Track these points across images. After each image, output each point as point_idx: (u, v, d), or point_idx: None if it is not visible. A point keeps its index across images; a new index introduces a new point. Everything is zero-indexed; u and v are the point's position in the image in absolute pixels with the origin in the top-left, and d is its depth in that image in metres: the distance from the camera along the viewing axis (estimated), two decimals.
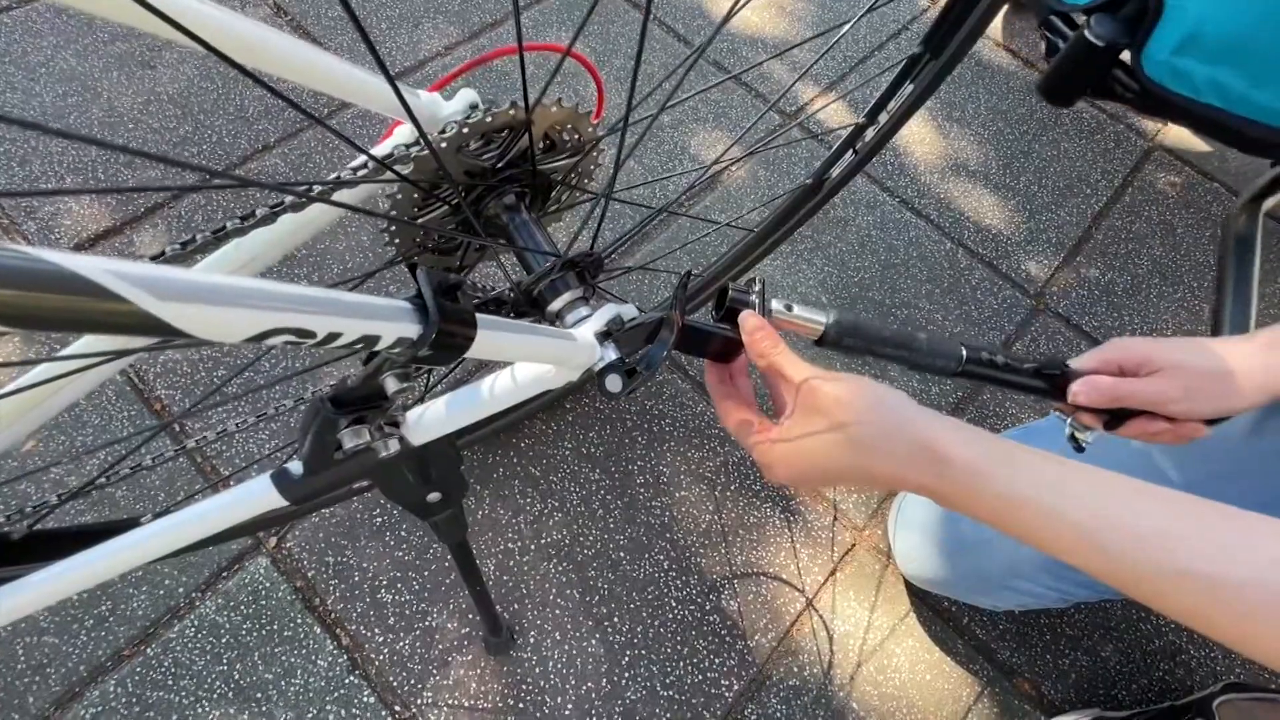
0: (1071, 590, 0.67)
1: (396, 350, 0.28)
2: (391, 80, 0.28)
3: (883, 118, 0.66)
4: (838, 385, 0.39)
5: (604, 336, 0.42)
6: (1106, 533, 0.34)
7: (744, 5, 0.43)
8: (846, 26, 0.53)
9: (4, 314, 0.18)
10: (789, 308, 0.44)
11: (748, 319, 0.43)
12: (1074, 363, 0.51)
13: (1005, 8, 1.40)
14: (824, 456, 0.38)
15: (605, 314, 0.42)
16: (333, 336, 0.25)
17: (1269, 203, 1.07)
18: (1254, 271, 1.02)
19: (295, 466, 0.41)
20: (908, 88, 0.62)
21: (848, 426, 0.38)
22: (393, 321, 0.27)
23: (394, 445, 0.39)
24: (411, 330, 0.28)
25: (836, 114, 1.23)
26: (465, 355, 0.31)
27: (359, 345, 0.27)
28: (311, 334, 0.24)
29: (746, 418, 0.43)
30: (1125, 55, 0.97)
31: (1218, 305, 1.01)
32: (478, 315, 0.31)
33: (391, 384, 0.35)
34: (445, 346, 0.29)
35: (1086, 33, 0.94)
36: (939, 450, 0.37)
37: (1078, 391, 0.48)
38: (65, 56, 1.07)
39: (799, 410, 0.39)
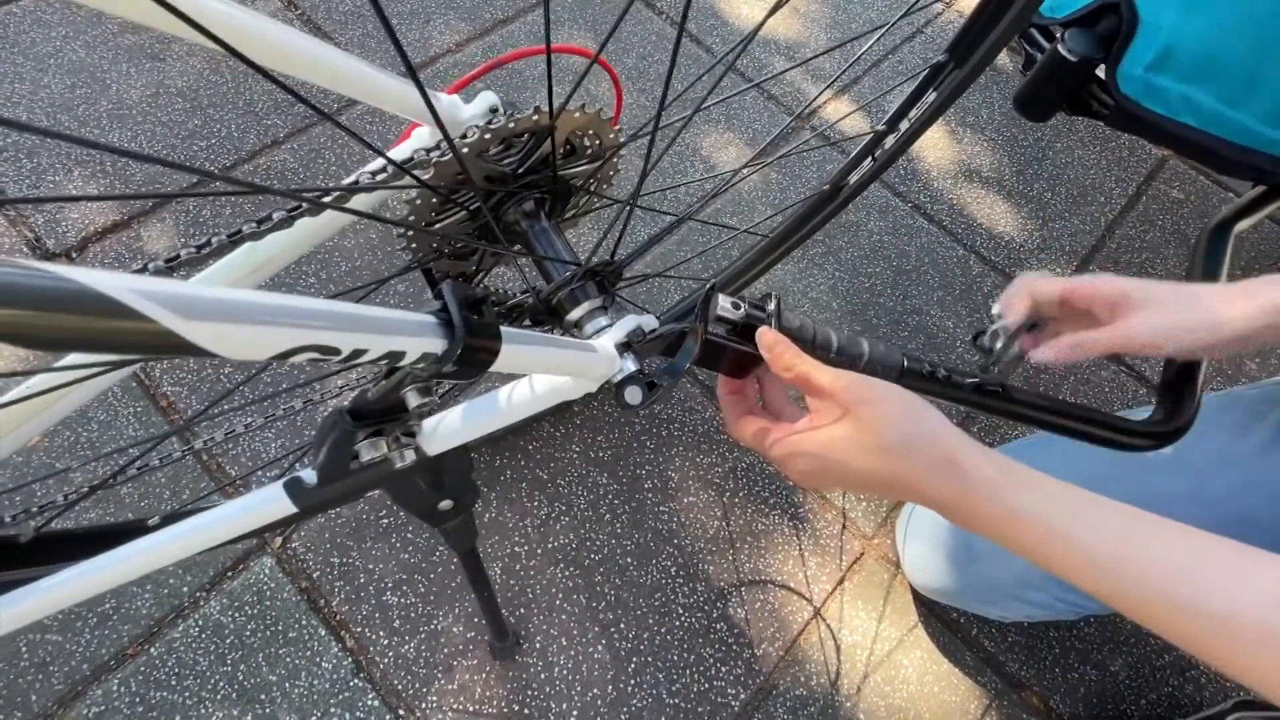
0: (1081, 602, 0.66)
1: (420, 365, 0.27)
2: (421, 87, 0.27)
3: (903, 125, 0.65)
4: (874, 389, 0.39)
5: (624, 348, 0.42)
6: (1115, 560, 0.35)
7: (772, 13, 0.42)
8: (877, 35, 0.52)
9: (25, 334, 0.17)
10: (736, 306, 0.43)
11: (765, 334, 0.42)
12: (1033, 285, 0.51)
13: None
14: (850, 455, 0.38)
15: (626, 325, 0.42)
16: (358, 353, 0.24)
17: (1241, 225, 1.05)
18: None
19: (308, 475, 0.40)
20: (930, 96, 0.61)
21: (880, 430, 0.38)
22: (418, 337, 0.26)
23: (410, 456, 0.38)
24: (437, 345, 0.27)
25: (854, 120, 1.22)
26: (489, 369, 0.30)
27: (383, 360, 0.26)
28: (336, 351, 0.24)
29: (763, 425, 0.43)
30: (1102, 72, 0.96)
31: None
32: (502, 328, 0.31)
33: (413, 398, 0.34)
34: (470, 362, 0.28)
35: (1060, 47, 0.93)
36: (961, 463, 0.37)
37: (1041, 354, 0.49)
38: (74, 48, 1.06)
39: (835, 413, 0.39)
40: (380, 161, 0.41)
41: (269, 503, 0.41)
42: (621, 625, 0.79)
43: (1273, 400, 0.59)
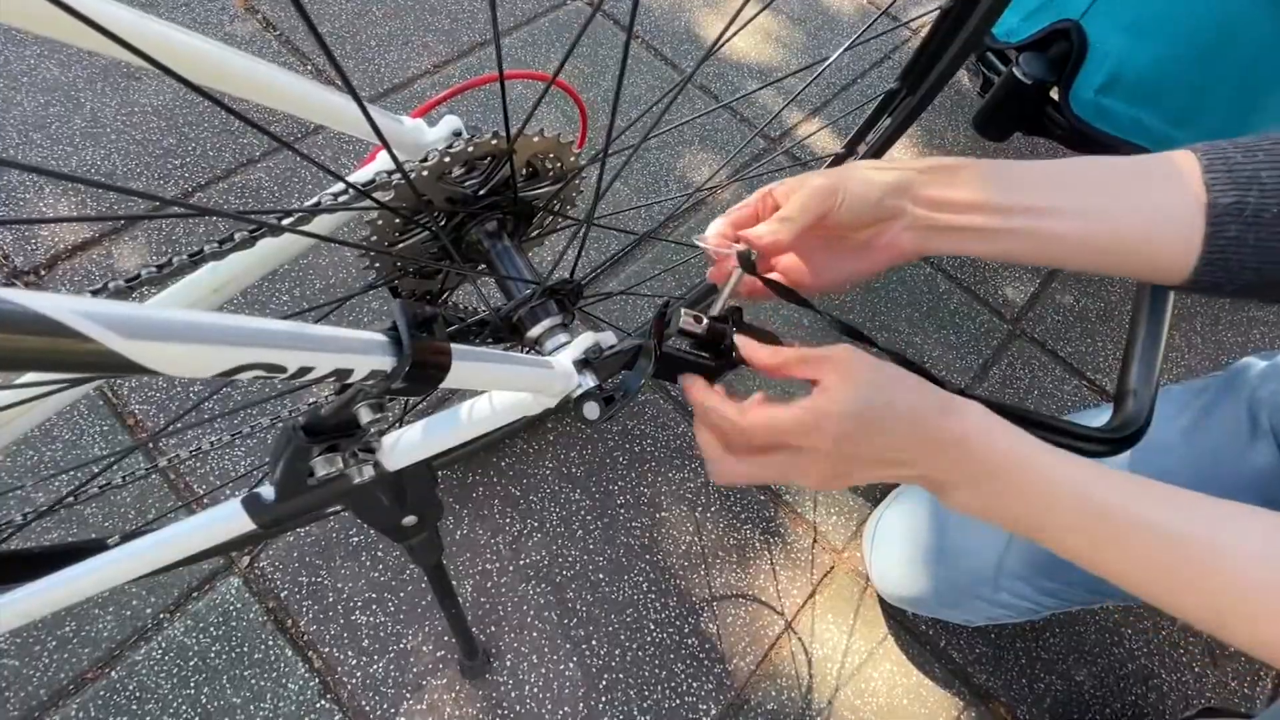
0: (1041, 599, 0.68)
1: (370, 382, 0.28)
2: (366, 112, 0.28)
3: (861, 149, 0.68)
4: (868, 358, 0.39)
5: (582, 364, 0.42)
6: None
7: (731, 37, 0.44)
8: (831, 58, 0.54)
9: None
10: (698, 319, 0.41)
11: (745, 344, 0.42)
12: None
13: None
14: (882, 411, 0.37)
15: (583, 342, 0.43)
16: (304, 370, 0.25)
17: None
18: (1167, 310, 1.04)
19: (267, 491, 0.41)
20: (885, 121, 0.63)
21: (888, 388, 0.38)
22: (366, 355, 0.27)
23: (368, 471, 0.39)
24: (385, 363, 0.28)
25: (820, 140, 1.26)
26: (440, 386, 0.31)
27: (331, 378, 0.27)
28: (282, 369, 0.24)
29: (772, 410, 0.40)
30: (1057, 94, 1.00)
31: (1129, 340, 1.03)
32: (454, 346, 0.32)
33: (365, 414, 0.35)
34: (419, 379, 0.29)
35: (1015, 70, 0.98)
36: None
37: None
38: (48, 66, 1.06)
39: (840, 378, 0.38)
40: (342, 184, 0.42)
41: (228, 519, 0.41)
42: (593, 642, 0.79)
43: (1199, 390, 0.62)
